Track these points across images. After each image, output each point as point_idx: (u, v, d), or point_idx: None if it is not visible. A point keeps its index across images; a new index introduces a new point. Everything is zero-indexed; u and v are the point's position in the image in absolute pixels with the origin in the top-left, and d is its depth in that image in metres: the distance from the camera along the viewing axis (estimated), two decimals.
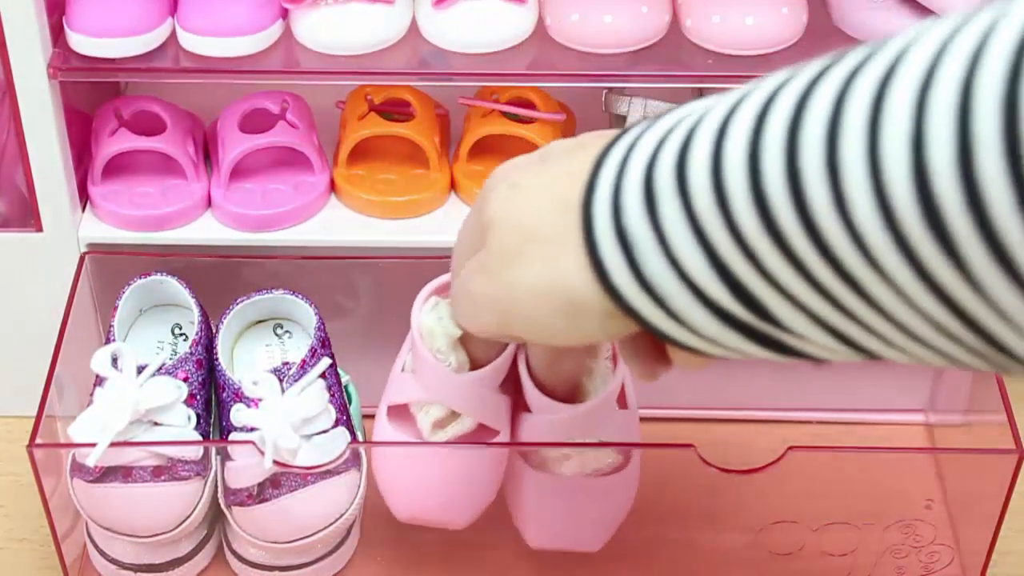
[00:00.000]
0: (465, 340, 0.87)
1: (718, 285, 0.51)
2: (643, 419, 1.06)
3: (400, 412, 0.92)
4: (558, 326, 0.59)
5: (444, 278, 0.89)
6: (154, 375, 0.90)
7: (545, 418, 0.90)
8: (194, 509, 0.91)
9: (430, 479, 0.92)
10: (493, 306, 0.62)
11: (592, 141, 0.59)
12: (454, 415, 0.90)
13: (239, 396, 0.91)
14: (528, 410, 0.90)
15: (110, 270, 1.00)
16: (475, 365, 0.87)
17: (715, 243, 0.50)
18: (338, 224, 1.01)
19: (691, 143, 0.51)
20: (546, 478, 0.93)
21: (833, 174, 0.45)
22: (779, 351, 0.53)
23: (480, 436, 0.91)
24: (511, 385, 0.91)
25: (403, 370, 0.90)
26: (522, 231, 0.59)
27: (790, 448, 0.90)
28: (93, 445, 0.86)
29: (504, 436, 0.92)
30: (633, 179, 0.53)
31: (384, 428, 0.91)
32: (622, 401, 0.94)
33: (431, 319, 0.88)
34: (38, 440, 0.87)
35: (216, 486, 0.92)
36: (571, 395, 0.90)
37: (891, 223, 0.43)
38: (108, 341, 0.95)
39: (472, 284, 0.64)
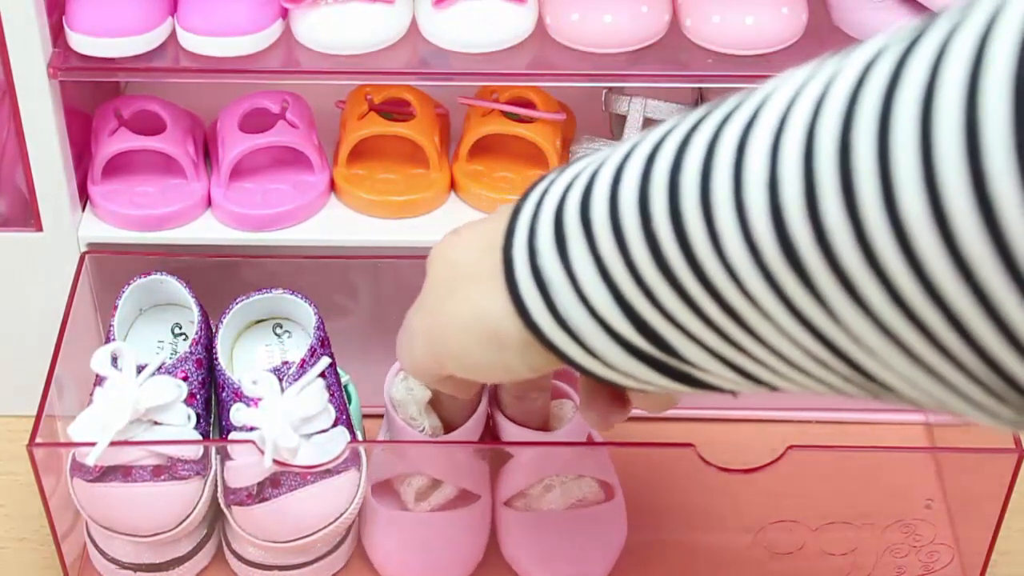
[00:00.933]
0: (435, 404, 0.91)
1: (623, 321, 0.54)
2: (643, 419, 1.07)
3: (384, 488, 0.96)
4: (484, 359, 0.63)
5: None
6: (154, 374, 0.90)
7: (526, 455, 0.92)
8: (194, 508, 0.91)
9: (418, 544, 0.94)
10: (426, 340, 0.67)
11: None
12: (435, 484, 0.94)
13: (239, 395, 0.91)
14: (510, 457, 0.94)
15: (110, 270, 1.00)
16: (448, 428, 0.91)
17: (617, 281, 0.53)
18: (338, 224, 1.01)
19: (593, 187, 0.54)
20: (534, 516, 0.95)
21: (707, 214, 0.48)
22: (688, 383, 0.56)
23: (462, 502, 0.94)
24: (490, 437, 0.95)
25: (382, 450, 0.94)
26: (454, 270, 0.64)
27: (790, 448, 0.90)
28: (93, 444, 0.86)
29: (485, 500, 0.95)
30: (545, 222, 0.56)
31: (370, 505, 0.95)
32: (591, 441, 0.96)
33: (400, 390, 0.93)
34: (38, 439, 0.87)
35: (216, 485, 0.92)
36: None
37: (757, 258, 0.47)
38: (108, 341, 0.95)
39: (411, 321, 0.70)
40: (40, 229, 0.99)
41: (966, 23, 0.40)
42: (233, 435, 0.90)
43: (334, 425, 0.91)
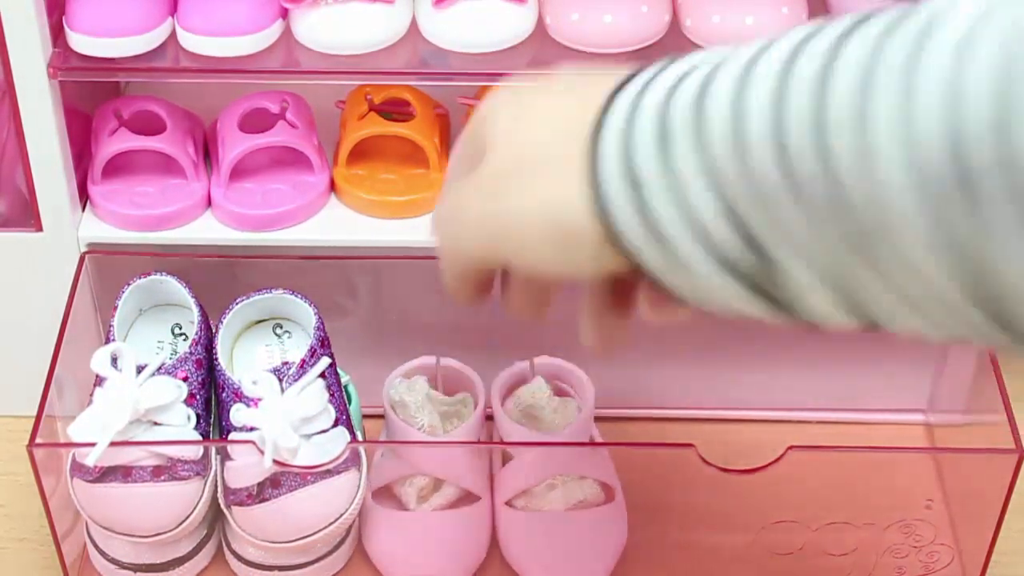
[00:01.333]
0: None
1: (729, 233, 0.50)
2: (643, 419, 1.07)
3: (385, 490, 0.97)
4: (550, 254, 0.57)
5: (406, 366, 0.97)
6: (154, 375, 0.90)
7: (527, 456, 0.92)
8: (194, 509, 0.91)
9: (419, 544, 0.94)
10: (484, 227, 0.59)
11: (600, 78, 0.57)
12: (436, 485, 0.94)
13: (239, 396, 0.91)
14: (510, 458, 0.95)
15: (110, 270, 1.00)
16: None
17: (730, 191, 0.49)
18: (338, 224, 1.01)
19: (710, 88, 0.50)
20: (536, 516, 0.95)
21: (862, 126, 0.44)
22: (775, 308, 0.52)
23: (463, 502, 0.95)
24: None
25: (382, 456, 0.96)
26: (525, 154, 0.57)
27: (790, 448, 0.90)
28: (93, 445, 0.86)
29: (485, 501, 0.95)
30: (646, 120, 0.52)
31: (370, 506, 0.96)
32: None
33: (399, 391, 0.95)
34: (38, 440, 0.87)
35: (216, 486, 0.92)
36: None
37: (919, 178, 0.43)
38: (108, 341, 0.95)
39: (464, 203, 0.61)
40: (40, 229, 0.99)
41: None
42: (233, 435, 0.90)
43: (334, 425, 0.91)
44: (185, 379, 0.92)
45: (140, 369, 0.90)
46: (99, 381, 0.91)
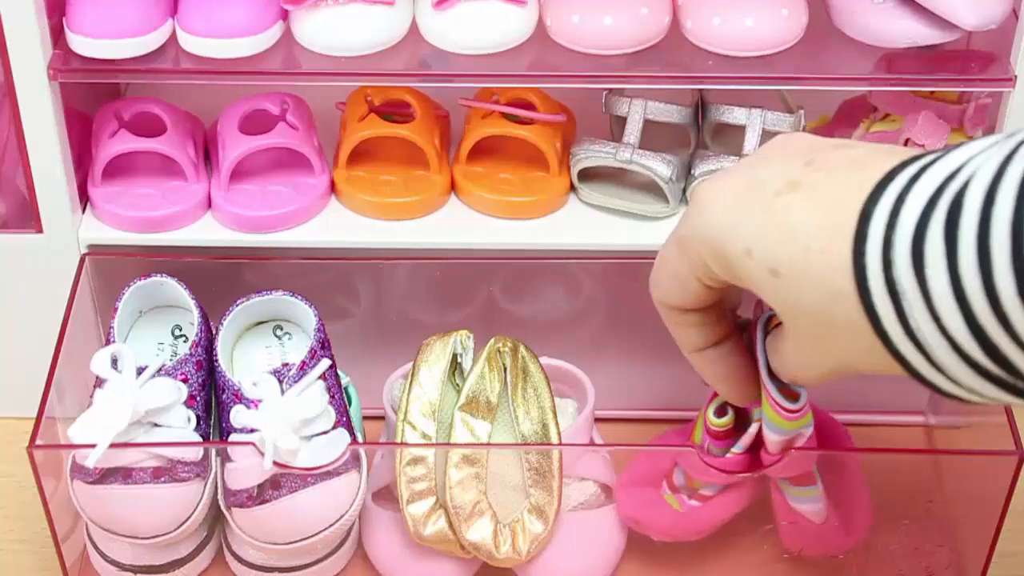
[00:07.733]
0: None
1: (974, 345, 0.53)
2: (643, 420, 1.07)
3: (385, 495, 0.97)
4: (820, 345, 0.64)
5: (406, 367, 0.97)
6: (154, 376, 0.90)
7: None
8: (194, 510, 0.91)
9: (419, 545, 0.94)
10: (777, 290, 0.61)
11: (868, 157, 0.59)
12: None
13: (239, 397, 0.91)
14: None
15: (110, 271, 1.00)
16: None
17: (974, 308, 0.52)
18: (338, 225, 1.01)
19: (961, 209, 0.52)
20: None
21: None
22: None
23: None
24: None
25: (383, 457, 0.96)
26: (794, 236, 0.59)
27: (790, 448, 0.90)
28: (93, 446, 0.86)
29: None
30: (903, 236, 0.54)
31: (371, 507, 0.96)
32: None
33: (398, 391, 0.96)
34: (38, 441, 0.87)
35: (216, 487, 0.92)
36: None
37: None
38: (108, 342, 0.95)
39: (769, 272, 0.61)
40: (40, 231, 0.99)
41: None
42: (233, 437, 0.90)
43: (334, 427, 0.91)
44: (185, 380, 0.92)
45: (140, 371, 0.90)
46: (99, 382, 0.91)
